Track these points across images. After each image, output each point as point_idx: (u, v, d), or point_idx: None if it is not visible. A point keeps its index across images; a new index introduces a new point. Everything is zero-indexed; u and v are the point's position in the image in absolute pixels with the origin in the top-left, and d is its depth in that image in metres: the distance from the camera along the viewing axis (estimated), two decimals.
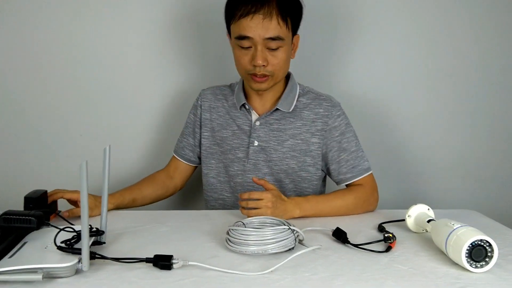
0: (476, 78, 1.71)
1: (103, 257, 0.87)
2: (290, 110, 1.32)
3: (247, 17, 1.17)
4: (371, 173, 1.34)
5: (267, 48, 1.20)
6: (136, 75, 1.64)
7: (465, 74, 1.70)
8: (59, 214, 1.16)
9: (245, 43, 1.20)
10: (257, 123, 1.32)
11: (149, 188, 1.38)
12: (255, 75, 1.23)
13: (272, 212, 1.10)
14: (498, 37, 1.68)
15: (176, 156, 1.43)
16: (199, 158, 1.42)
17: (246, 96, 1.35)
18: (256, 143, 1.32)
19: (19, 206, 1.06)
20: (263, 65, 1.20)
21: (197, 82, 1.64)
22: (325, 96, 1.36)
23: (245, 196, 1.12)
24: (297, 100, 1.33)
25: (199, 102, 1.41)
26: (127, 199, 1.30)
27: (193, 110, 1.42)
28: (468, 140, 1.75)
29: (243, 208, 1.12)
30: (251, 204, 1.11)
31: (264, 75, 1.23)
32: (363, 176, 1.32)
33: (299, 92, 1.35)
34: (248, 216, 1.07)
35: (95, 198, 1.19)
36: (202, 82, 1.62)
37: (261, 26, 1.17)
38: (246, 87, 1.35)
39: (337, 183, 1.36)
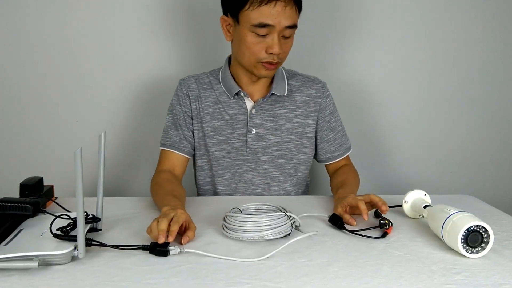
0: (475, 65, 1.71)
1: (99, 244, 0.87)
2: (285, 94, 1.32)
3: (269, 4, 1.13)
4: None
5: (282, 36, 1.18)
6: (132, 61, 1.63)
7: (463, 61, 1.70)
8: (55, 201, 1.16)
9: (263, 31, 1.15)
10: (253, 110, 1.31)
11: (183, 192, 1.23)
12: (270, 63, 1.20)
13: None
14: (499, 27, 1.68)
15: (174, 151, 1.31)
16: (194, 150, 1.36)
17: (237, 83, 1.30)
18: (254, 131, 1.31)
19: (15, 193, 1.06)
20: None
21: (188, 68, 1.63)
22: (312, 77, 1.39)
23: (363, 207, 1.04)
24: (287, 84, 1.34)
25: (185, 91, 1.33)
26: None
27: (179, 101, 1.33)
28: (466, 127, 1.76)
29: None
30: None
31: (277, 62, 1.21)
32: (347, 154, 1.40)
33: (286, 75, 1.36)
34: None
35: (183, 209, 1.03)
36: (194, 68, 1.60)
37: (283, 14, 1.14)
38: (236, 73, 1.30)
39: (322, 161, 1.40)
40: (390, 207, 1.13)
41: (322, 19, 1.63)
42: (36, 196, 1.07)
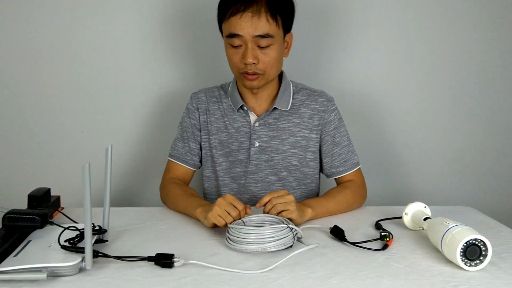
0: (474, 74, 1.72)
1: (106, 256, 0.89)
2: (288, 108, 1.33)
3: (236, 16, 1.18)
4: (360, 168, 1.38)
5: (257, 46, 1.20)
6: (137, 73, 1.65)
7: (462, 71, 1.71)
8: (62, 211, 1.18)
9: (236, 41, 1.20)
10: (257, 124, 1.33)
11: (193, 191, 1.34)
12: (247, 73, 1.23)
13: (297, 214, 1.08)
14: (497, 33, 1.69)
15: (179, 162, 1.37)
16: (201, 162, 1.40)
17: (241, 97, 1.34)
18: (257, 144, 1.33)
19: (22, 204, 1.08)
20: (254, 63, 1.21)
21: (197, 82, 1.65)
22: (319, 91, 1.39)
23: (267, 199, 1.10)
24: (292, 98, 1.35)
25: (195, 105, 1.38)
26: None
27: (189, 114, 1.38)
28: (466, 136, 1.76)
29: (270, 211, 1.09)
30: (280, 206, 1.08)
31: (255, 73, 1.23)
32: (354, 170, 1.36)
33: (293, 89, 1.37)
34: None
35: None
36: (204, 82, 1.62)
37: (250, 24, 1.17)
38: (241, 87, 1.34)
39: (328, 176, 1.40)
40: (390, 218, 1.16)
41: (327, 32, 1.66)
42: (43, 207, 1.09)
